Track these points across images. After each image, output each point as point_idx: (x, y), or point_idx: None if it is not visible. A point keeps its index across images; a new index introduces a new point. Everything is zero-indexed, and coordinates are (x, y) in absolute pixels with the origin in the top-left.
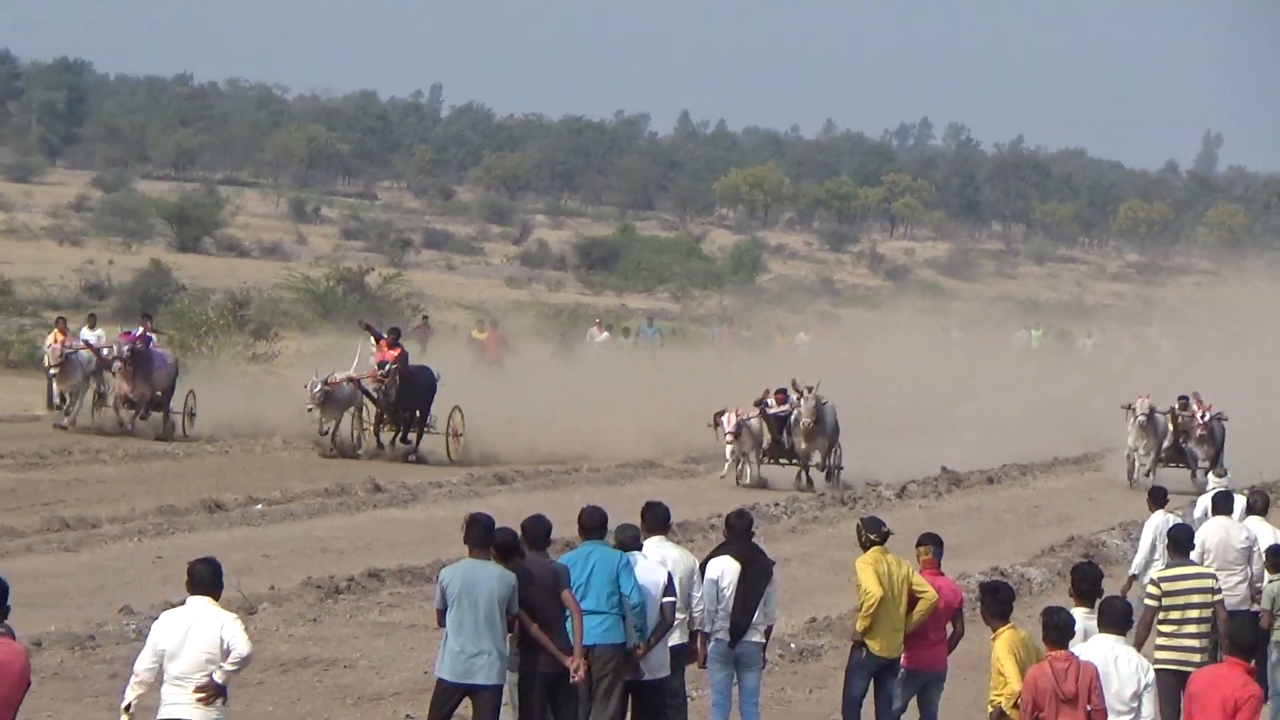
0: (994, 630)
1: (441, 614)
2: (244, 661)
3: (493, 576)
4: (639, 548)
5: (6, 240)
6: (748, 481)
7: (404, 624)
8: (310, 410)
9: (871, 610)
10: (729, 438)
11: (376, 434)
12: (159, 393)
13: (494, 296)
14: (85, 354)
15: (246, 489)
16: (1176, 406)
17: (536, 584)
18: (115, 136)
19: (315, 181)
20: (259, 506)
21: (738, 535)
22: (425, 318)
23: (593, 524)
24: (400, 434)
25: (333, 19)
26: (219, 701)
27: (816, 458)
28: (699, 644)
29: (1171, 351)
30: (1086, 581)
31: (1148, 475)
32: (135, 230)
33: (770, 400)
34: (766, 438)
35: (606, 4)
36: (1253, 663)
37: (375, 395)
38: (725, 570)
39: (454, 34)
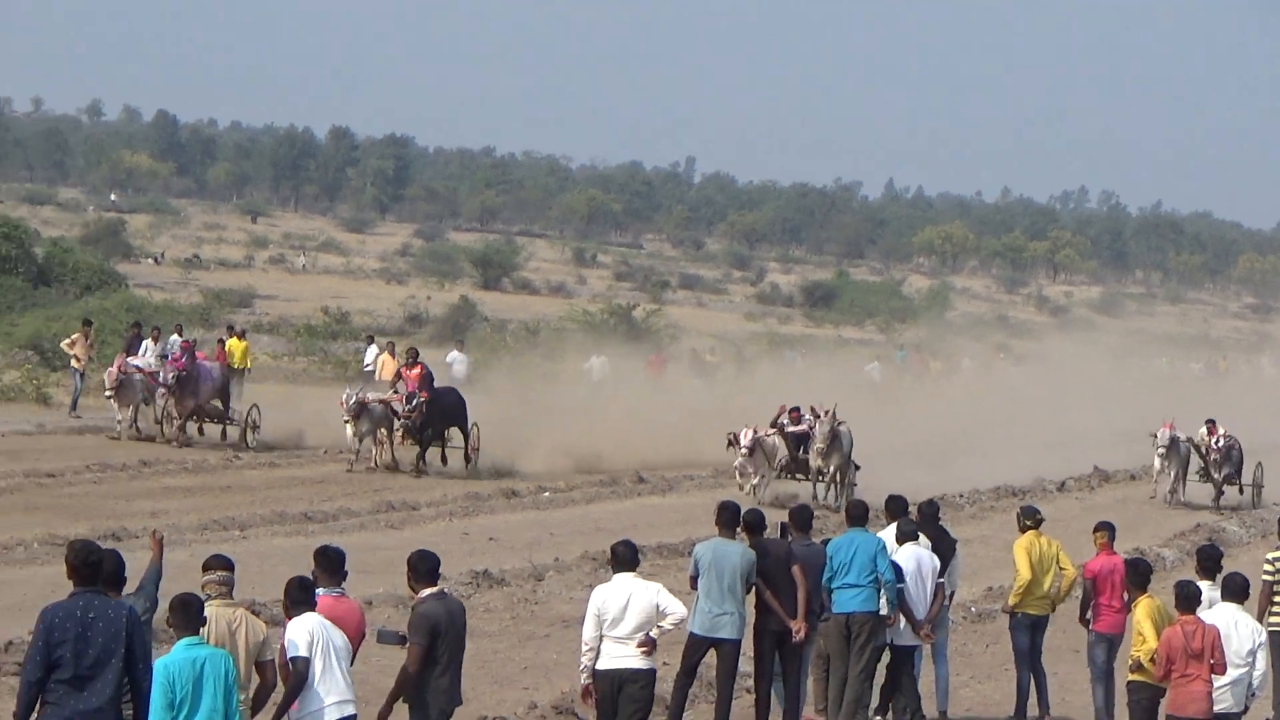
0: (1134, 599)
1: (693, 580)
2: (681, 620)
3: (736, 552)
4: (916, 538)
5: (345, 279)
6: (761, 497)
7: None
8: (346, 422)
9: (1021, 590)
10: (743, 453)
11: (392, 450)
12: (207, 404)
13: (735, 328)
14: (139, 376)
15: (536, 481)
16: (1203, 432)
17: (771, 558)
18: (433, 196)
19: (593, 234)
20: (546, 494)
21: (927, 519)
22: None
23: (857, 514)
24: (421, 453)
25: (609, 101)
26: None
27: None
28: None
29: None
30: (1210, 560)
31: (1171, 493)
32: (448, 272)
33: (786, 419)
34: (782, 454)
35: (828, 89)
36: None
37: (405, 425)
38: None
39: (706, 115)
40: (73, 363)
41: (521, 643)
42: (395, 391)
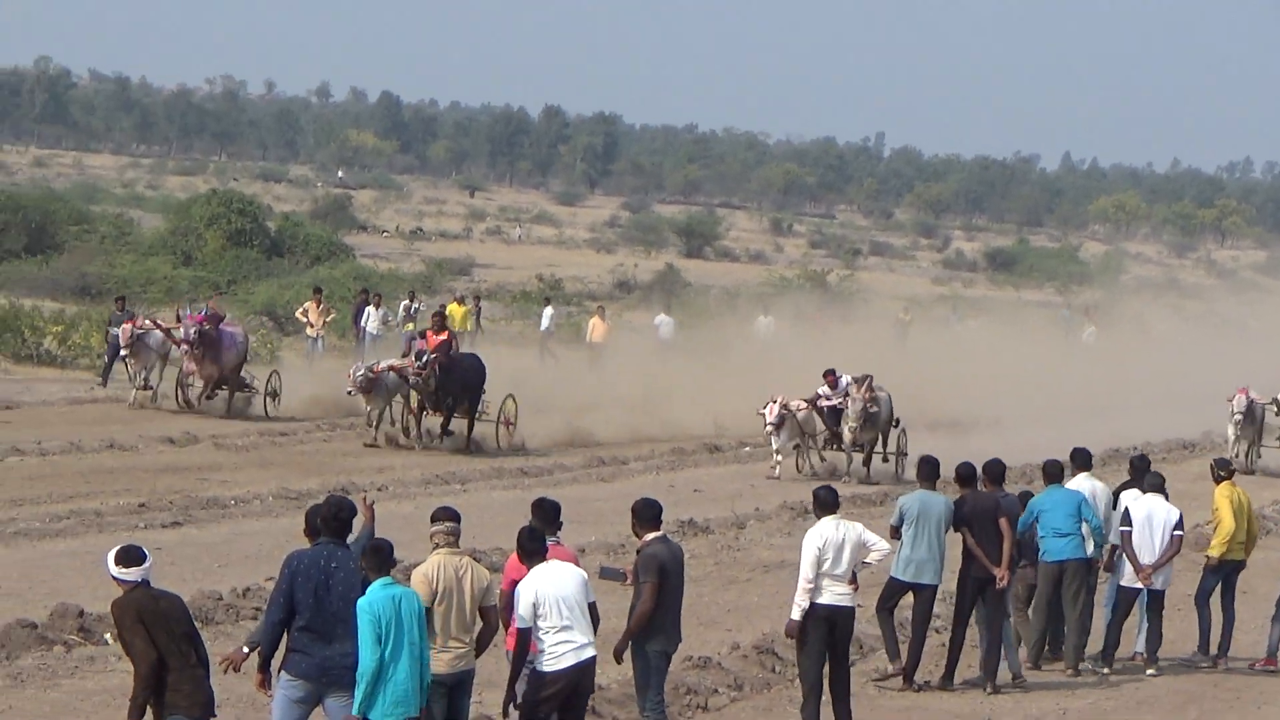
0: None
1: (895, 529)
2: (885, 554)
3: (940, 503)
4: (1161, 490)
5: (557, 249)
6: (809, 471)
7: None
8: (350, 394)
9: (1226, 538)
10: (769, 428)
11: (418, 422)
12: (228, 371)
13: (922, 291)
14: (157, 334)
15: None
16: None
17: (979, 509)
18: (639, 171)
19: (789, 205)
20: (747, 449)
21: (1139, 472)
22: None
23: (1054, 471)
24: (445, 422)
25: (805, 79)
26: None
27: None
28: (1109, 556)
29: None
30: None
31: (1246, 457)
32: (653, 241)
33: (824, 389)
34: (818, 426)
35: (1010, 68)
36: None
37: (415, 384)
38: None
39: (895, 93)
40: (307, 330)
41: (725, 587)
42: (416, 357)
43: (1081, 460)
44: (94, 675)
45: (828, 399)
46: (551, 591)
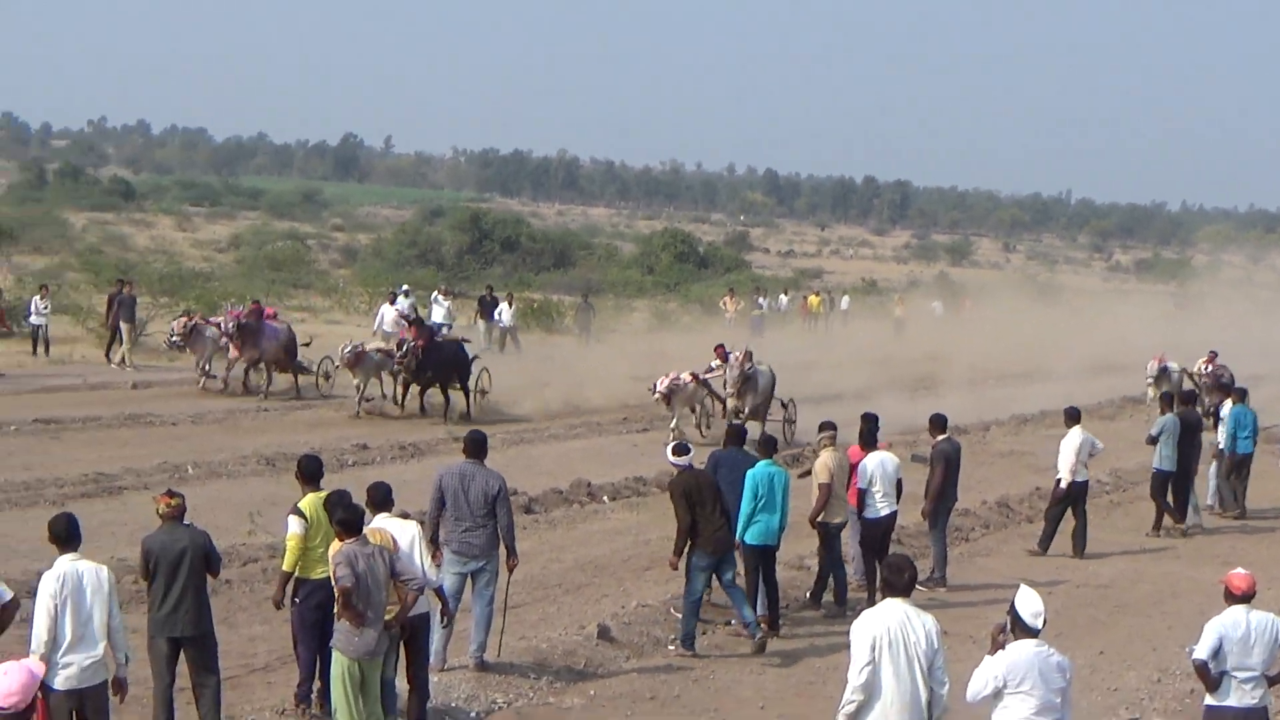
0: None
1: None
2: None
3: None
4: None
5: (873, 262)
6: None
7: None
8: (337, 367)
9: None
10: (657, 398)
11: (402, 396)
12: (269, 356)
13: (1095, 287)
14: (213, 329)
15: None
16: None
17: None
18: (922, 215)
19: (1013, 235)
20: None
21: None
22: None
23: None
24: (420, 394)
25: (1015, 138)
26: None
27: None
28: None
29: None
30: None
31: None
32: (931, 257)
33: (715, 362)
34: (702, 396)
35: (1153, 129)
36: None
37: (395, 368)
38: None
39: (1082, 156)
40: (725, 315)
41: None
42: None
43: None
44: (597, 520)
45: (708, 371)
46: (878, 470)
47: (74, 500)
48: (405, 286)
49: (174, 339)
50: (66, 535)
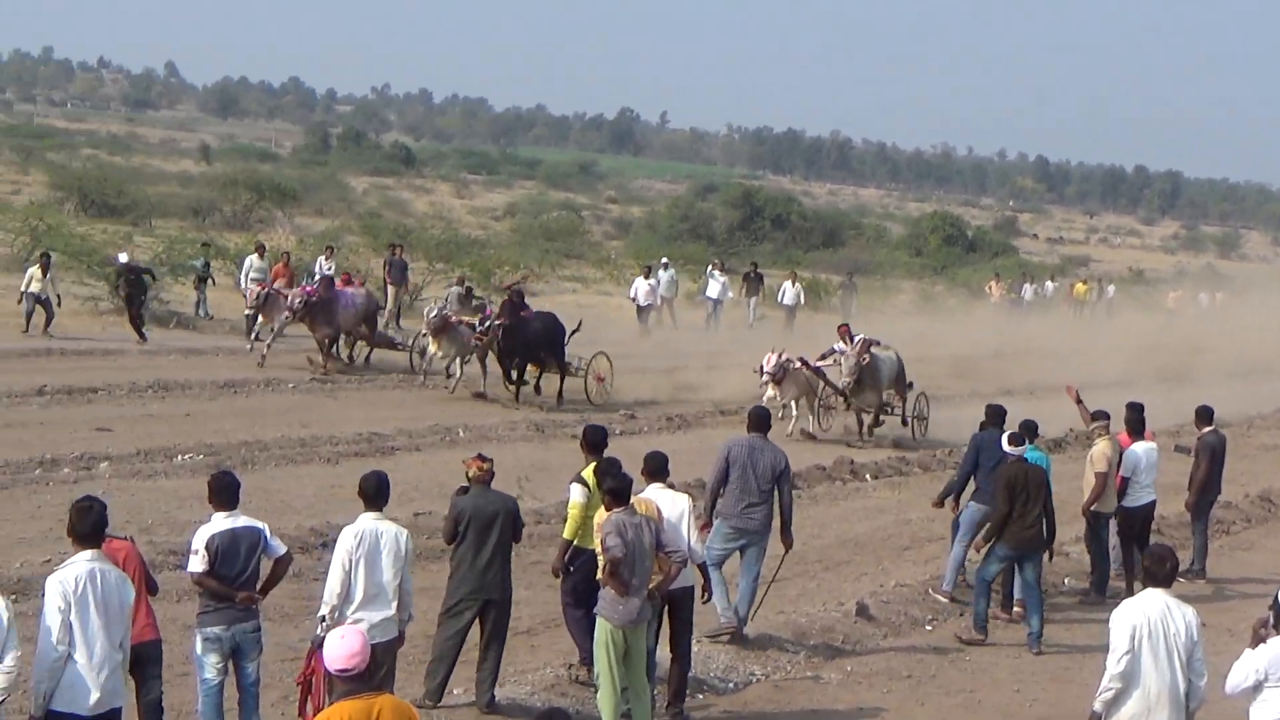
0: None
1: None
2: None
3: None
4: None
5: (1141, 251)
6: (795, 435)
7: None
8: (423, 335)
9: None
10: (764, 378)
11: (506, 374)
12: (348, 329)
13: None
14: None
15: None
16: None
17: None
18: (1191, 205)
19: None
20: None
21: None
22: None
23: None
24: (518, 381)
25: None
26: None
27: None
28: None
29: None
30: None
31: None
32: (1199, 248)
33: (838, 344)
34: (819, 386)
35: None
36: None
37: (476, 347)
38: None
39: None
40: (991, 298)
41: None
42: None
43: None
44: (858, 498)
45: (826, 356)
46: (1144, 459)
47: (347, 459)
48: (665, 259)
49: (248, 310)
50: (375, 493)
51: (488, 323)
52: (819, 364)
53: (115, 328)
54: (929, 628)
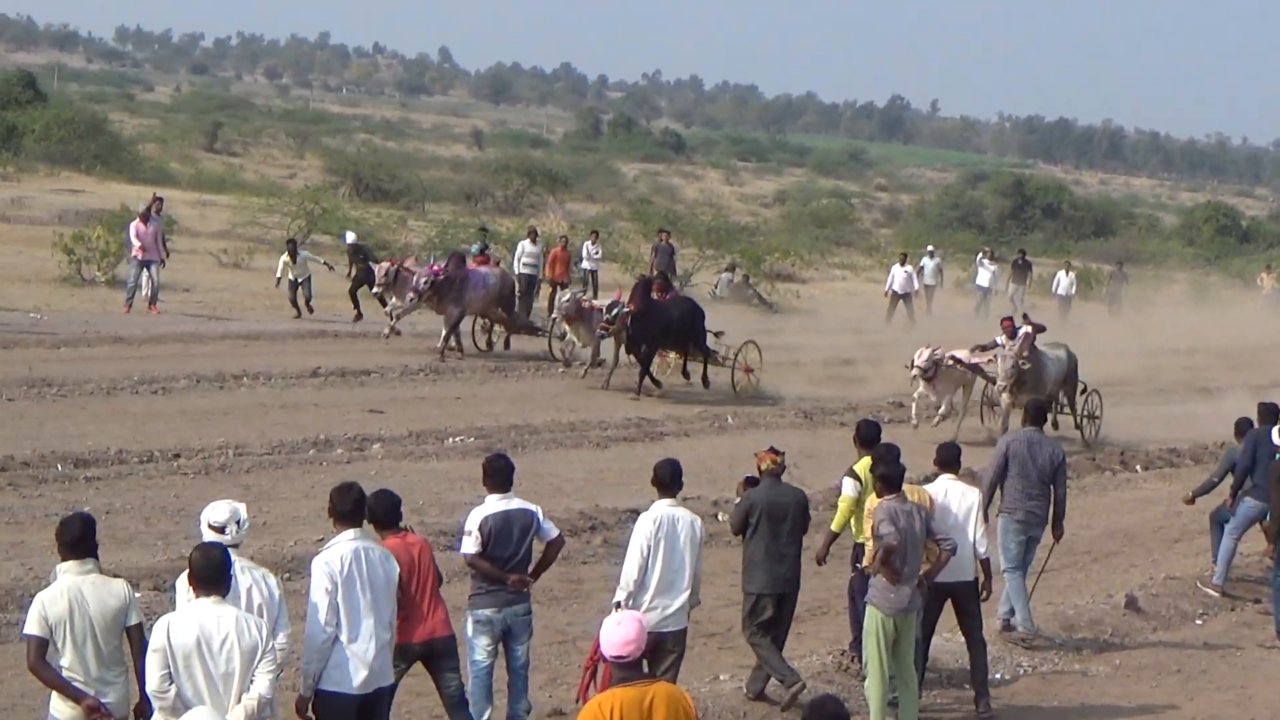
0: None
1: None
2: None
3: None
4: None
5: None
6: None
7: None
8: (554, 320)
9: None
10: (915, 373)
11: (641, 370)
12: (478, 310)
13: None
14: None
15: None
16: None
17: None
18: None
19: None
20: None
21: None
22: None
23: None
24: (642, 371)
25: None
26: None
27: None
28: None
29: None
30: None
31: None
32: None
33: (1000, 337)
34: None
35: None
36: None
37: (601, 335)
38: None
39: None
40: (1262, 290)
41: None
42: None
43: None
44: (1128, 488)
45: (983, 350)
46: None
47: (616, 444)
48: (930, 248)
49: (376, 289)
50: (670, 479)
51: (614, 309)
52: (976, 360)
53: None
54: (1199, 622)
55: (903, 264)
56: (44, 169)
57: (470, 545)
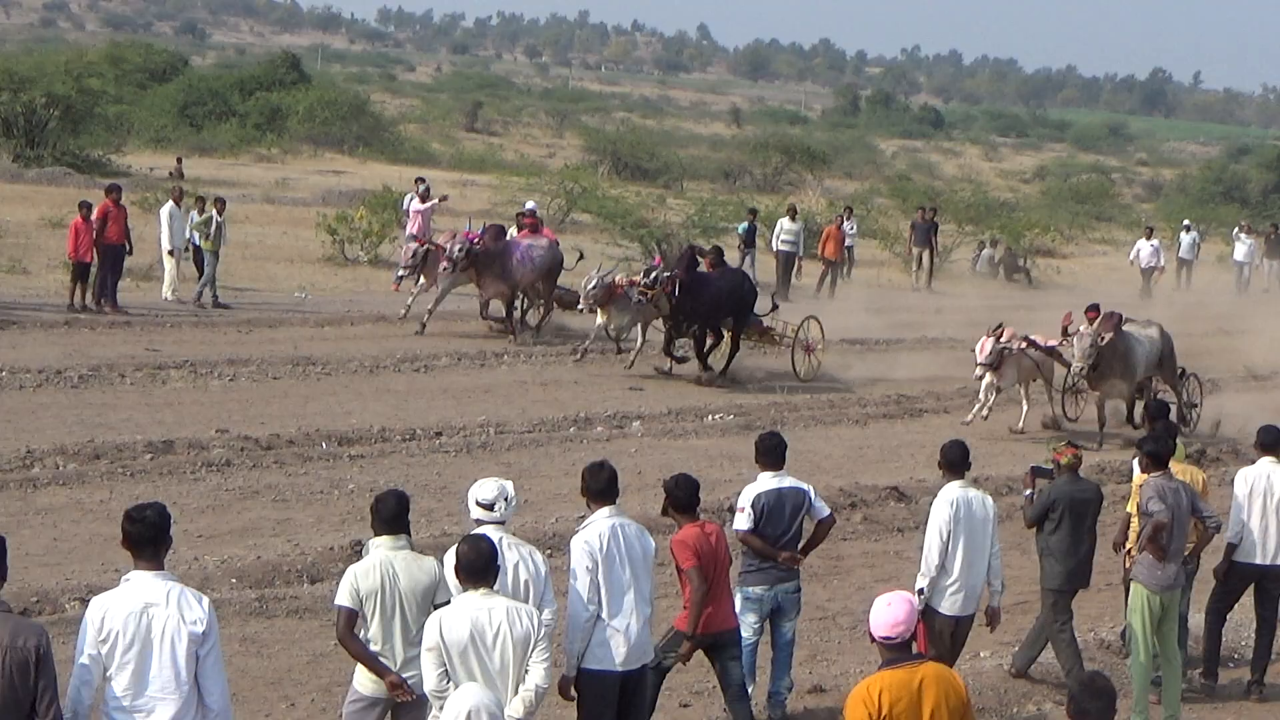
0: None
1: None
2: None
3: None
4: None
5: None
6: (1020, 428)
7: None
8: (582, 311)
9: None
10: (979, 369)
11: (669, 349)
12: (526, 286)
13: None
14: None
15: None
16: None
17: None
18: None
19: None
20: None
21: None
22: None
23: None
24: (698, 350)
25: None
26: None
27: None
28: None
29: None
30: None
31: None
32: None
33: (1084, 325)
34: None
35: None
36: None
37: (639, 305)
38: None
39: None
40: None
41: None
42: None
43: None
44: None
45: (1066, 333)
46: None
47: (875, 420)
48: (1186, 222)
49: (401, 272)
50: (960, 460)
51: (654, 274)
52: (1051, 343)
53: None
54: None
55: (1149, 238)
56: (307, 150)
57: (743, 522)
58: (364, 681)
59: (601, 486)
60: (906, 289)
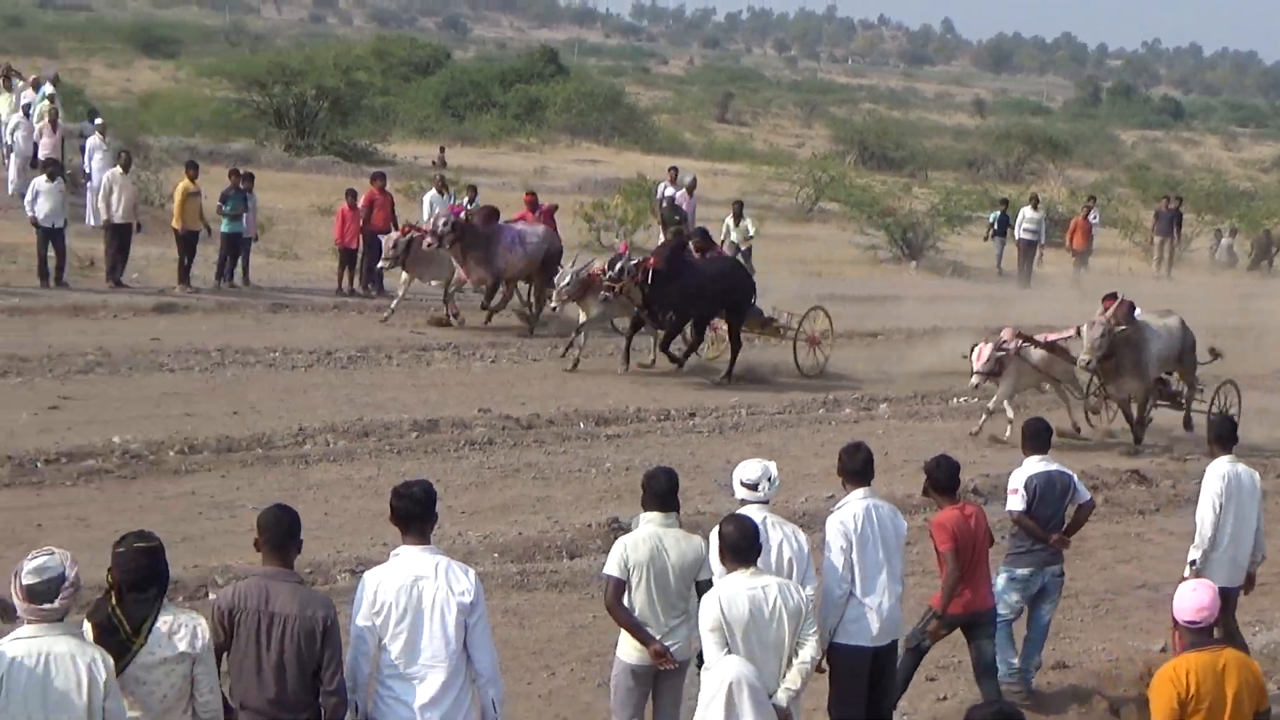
0: None
1: None
2: None
3: None
4: None
5: None
6: (977, 430)
7: None
8: (554, 310)
9: None
10: (976, 378)
11: (665, 346)
12: (515, 276)
13: None
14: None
15: None
16: None
17: None
18: None
19: None
20: None
21: None
22: None
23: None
24: (663, 344)
25: None
26: None
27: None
28: None
29: None
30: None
31: None
32: None
33: (1099, 315)
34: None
35: None
36: None
37: (605, 298)
38: None
39: None
40: None
41: None
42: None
43: None
44: None
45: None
46: None
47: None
48: None
49: (381, 263)
50: (1229, 435)
51: (618, 264)
52: (1054, 338)
53: (894, 275)
54: None
55: (1233, 234)
56: (565, 140)
57: (1017, 503)
58: (629, 650)
59: (857, 467)
60: (1148, 277)
